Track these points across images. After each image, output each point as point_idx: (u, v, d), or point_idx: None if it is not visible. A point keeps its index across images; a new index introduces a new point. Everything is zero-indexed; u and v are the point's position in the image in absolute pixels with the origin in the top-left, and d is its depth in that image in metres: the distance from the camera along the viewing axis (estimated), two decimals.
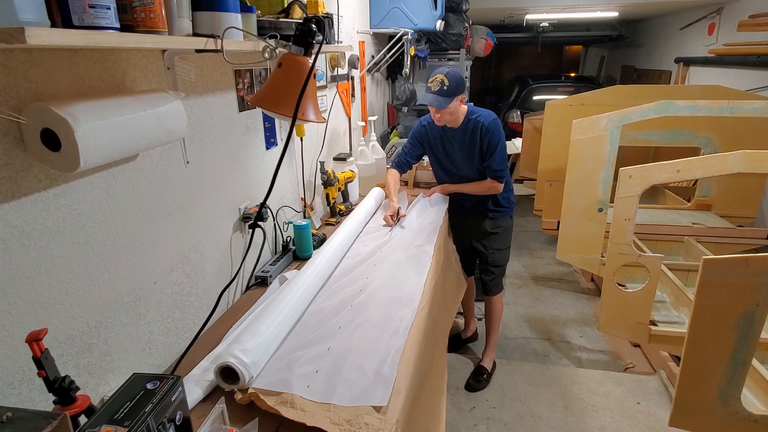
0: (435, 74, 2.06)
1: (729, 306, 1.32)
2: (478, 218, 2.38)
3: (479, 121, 2.14)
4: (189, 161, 1.32)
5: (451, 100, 2.03)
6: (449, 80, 2.01)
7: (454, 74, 2.03)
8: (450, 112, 2.07)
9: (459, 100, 2.07)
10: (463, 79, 2.10)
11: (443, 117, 2.11)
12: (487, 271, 2.46)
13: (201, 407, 1.06)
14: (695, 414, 1.46)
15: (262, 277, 1.64)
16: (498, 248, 2.41)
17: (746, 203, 3.09)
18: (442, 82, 2.01)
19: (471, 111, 2.18)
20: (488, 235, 2.38)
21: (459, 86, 2.03)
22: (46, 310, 0.92)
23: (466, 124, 2.17)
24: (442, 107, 2.04)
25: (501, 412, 2.29)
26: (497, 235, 2.38)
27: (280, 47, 1.30)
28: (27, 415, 0.66)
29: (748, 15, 4.00)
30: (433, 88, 2.03)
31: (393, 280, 1.59)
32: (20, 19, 0.67)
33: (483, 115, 2.16)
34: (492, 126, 2.12)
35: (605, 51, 9.33)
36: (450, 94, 2.02)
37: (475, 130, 2.15)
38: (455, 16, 3.76)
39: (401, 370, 1.13)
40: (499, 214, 2.36)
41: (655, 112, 2.35)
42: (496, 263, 2.43)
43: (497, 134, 2.13)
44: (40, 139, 0.83)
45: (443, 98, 2.02)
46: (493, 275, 2.45)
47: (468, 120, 2.17)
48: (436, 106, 2.05)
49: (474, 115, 2.16)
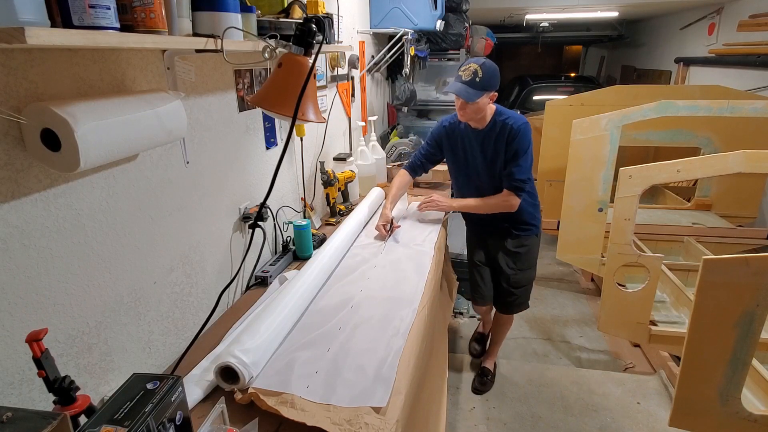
0: (469, 63, 1.84)
1: (729, 306, 1.32)
2: (500, 237, 2.16)
3: (508, 123, 1.91)
4: (189, 161, 1.32)
5: (481, 95, 1.81)
6: (483, 72, 1.79)
7: (489, 66, 1.82)
8: (477, 108, 1.86)
9: (490, 96, 1.86)
10: (498, 74, 1.86)
11: (468, 112, 1.89)
12: (507, 292, 2.23)
13: (201, 407, 1.06)
14: (695, 414, 1.46)
15: (262, 277, 1.64)
16: (521, 268, 2.18)
17: (746, 203, 3.10)
18: (476, 73, 1.79)
19: (499, 112, 1.95)
20: (510, 254, 2.16)
21: (492, 81, 1.82)
22: (46, 310, 0.92)
23: (492, 126, 1.95)
24: (471, 100, 1.82)
25: (501, 412, 2.29)
26: (520, 255, 2.16)
27: (280, 47, 1.30)
28: (27, 415, 0.66)
29: (748, 15, 4.00)
30: (464, 77, 1.81)
31: (393, 280, 1.59)
32: (20, 19, 0.67)
33: (513, 117, 1.93)
34: (522, 129, 1.89)
35: (605, 51, 9.33)
36: (482, 88, 1.80)
37: (502, 132, 1.92)
38: (455, 16, 3.76)
39: (401, 370, 1.13)
40: (524, 233, 2.13)
41: (655, 112, 2.35)
42: (519, 284, 2.21)
43: (526, 140, 1.90)
44: (40, 139, 0.83)
45: (473, 90, 1.80)
46: (514, 296, 2.23)
47: (495, 121, 1.94)
48: (464, 97, 1.82)
49: (503, 117, 1.93)
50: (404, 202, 2.39)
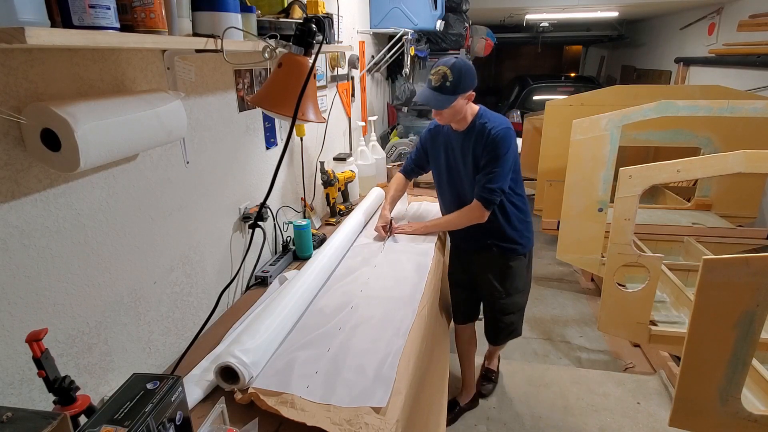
0: (438, 66, 1.68)
1: (729, 306, 1.32)
2: (483, 254, 1.92)
3: (487, 127, 1.72)
4: (189, 161, 1.32)
5: (454, 99, 1.66)
6: (454, 74, 1.63)
7: (460, 67, 1.65)
8: (453, 112, 1.71)
9: (466, 97, 1.70)
10: (473, 72, 1.69)
11: (445, 117, 1.75)
12: (495, 319, 2.00)
13: (201, 407, 1.06)
14: (695, 414, 1.46)
15: (262, 277, 1.64)
16: (509, 293, 1.93)
17: (746, 203, 3.10)
18: (445, 77, 1.64)
19: (481, 114, 1.77)
20: (495, 275, 1.92)
21: (465, 82, 1.66)
22: (46, 310, 0.92)
23: (471, 128, 1.77)
24: (441, 108, 1.68)
25: (501, 412, 2.29)
26: (506, 277, 1.91)
27: (280, 47, 1.30)
28: (27, 415, 0.66)
29: (748, 15, 4.00)
30: (433, 82, 1.67)
31: (393, 280, 1.59)
32: (20, 19, 0.67)
33: (494, 120, 1.74)
34: (501, 134, 1.69)
35: (605, 51, 9.33)
36: (453, 92, 1.65)
37: (480, 136, 1.73)
38: (455, 16, 3.76)
39: (401, 370, 1.13)
40: (510, 252, 1.89)
41: (655, 112, 2.35)
42: (506, 310, 1.96)
43: (504, 146, 1.70)
44: (40, 139, 0.83)
45: (444, 96, 1.65)
46: (502, 324, 1.99)
47: (475, 124, 1.76)
48: (433, 106, 1.69)
49: (483, 120, 1.75)
50: (404, 202, 2.39)
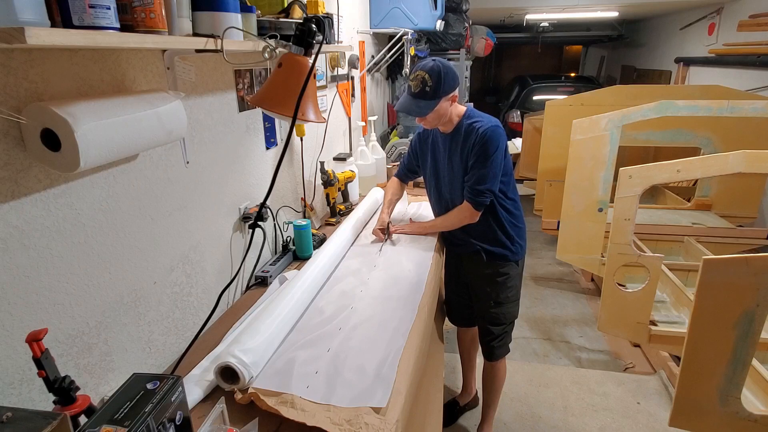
0: (416, 71, 1.61)
1: (729, 306, 1.32)
2: (473, 259, 1.86)
3: (475, 126, 1.66)
4: (189, 161, 1.32)
5: (435, 104, 1.60)
6: (433, 78, 1.57)
7: (439, 69, 1.58)
8: (437, 115, 1.65)
9: (448, 100, 1.63)
10: (453, 73, 1.63)
11: (429, 121, 1.69)
12: (486, 330, 1.93)
13: (201, 407, 1.06)
14: (695, 414, 1.46)
15: (262, 277, 1.64)
16: (499, 301, 1.85)
17: (746, 203, 3.10)
18: (424, 82, 1.58)
19: (468, 114, 1.71)
20: (486, 282, 1.86)
21: (446, 85, 1.59)
22: (46, 310, 0.92)
23: (458, 129, 1.71)
24: (423, 114, 1.62)
25: (501, 412, 2.29)
26: (497, 285, 1.84)
27: (280, 47, 1.30)
28: (27, 415, 0.65)
29: (748, 15, 4.00)
30: (413, 88, 1.61)
31: (393, 280, 1.58)
32: (20, 19, 0.67)
33: (482, 120, 1.68)
34: (489, 133, 1.63)
35: (605, 51, 9.34)
36: (433, 96, 1.59)
37: (468, 136, 1.68)
38: (455, 16, 3.77)
39: (401, 370, 1.13)
40: (500, 259, 1.82)
41: (655, 112, 2.35)
42: (497, 321, 1.89)
43: (493, 145, 1.63)
44: (40, 139, 0.83)
45: (425, 102, 1.60)
46: (492, 335, 1.91)
47: (462, 124, 1.70)
48: (414, 114, 1.63)
49: (470, 120, 1.69)
50: (404, 202, 2.39)
